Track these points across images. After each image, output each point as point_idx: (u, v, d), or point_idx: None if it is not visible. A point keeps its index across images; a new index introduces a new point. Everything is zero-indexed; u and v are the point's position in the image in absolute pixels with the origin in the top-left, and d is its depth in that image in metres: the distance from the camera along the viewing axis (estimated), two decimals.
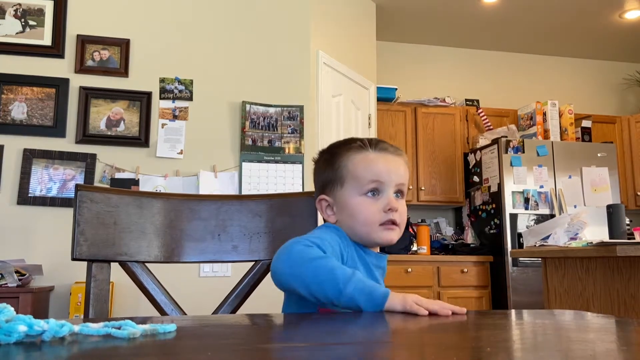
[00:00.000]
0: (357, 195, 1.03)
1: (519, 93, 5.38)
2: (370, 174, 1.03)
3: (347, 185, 1.04)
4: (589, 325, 0.73)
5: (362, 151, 1.05)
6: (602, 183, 4.48)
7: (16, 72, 3.17)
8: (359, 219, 1.02)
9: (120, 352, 0.48)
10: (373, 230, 1.02)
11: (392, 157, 1.06)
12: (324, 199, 1.08)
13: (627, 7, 4.63)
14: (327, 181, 1.08)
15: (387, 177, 1.03)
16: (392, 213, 1.02)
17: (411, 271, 4.22)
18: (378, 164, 1.04)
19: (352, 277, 0.84)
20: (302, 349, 0.52)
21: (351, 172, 1.04)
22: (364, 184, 1.03)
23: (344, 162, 1.05)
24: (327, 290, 0.84)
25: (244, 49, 3.50)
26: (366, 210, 1.02)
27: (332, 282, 0.84)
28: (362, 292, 0.83)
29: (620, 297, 2.39)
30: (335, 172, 1.06)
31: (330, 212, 1.07)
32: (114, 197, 1.10)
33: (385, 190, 1.03)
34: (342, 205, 1.05)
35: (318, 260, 0.87)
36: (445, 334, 0.67)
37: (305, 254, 0.87)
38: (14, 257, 2.91)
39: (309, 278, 0.85)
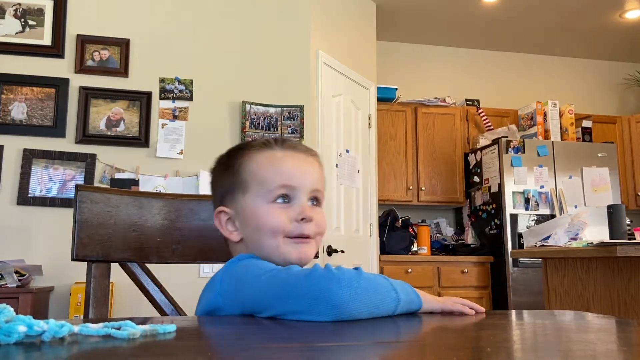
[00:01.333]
0: (264, 203, 0.85)
1: (519, 93, 5.38)
2: (279, 177, 0.86)
3: (251, 191, 0.87)
4: (589, 326, 0.73)
5: (266, 149, 0.89)
6: (602, 183, 4.48)
7: (16, 72, 3.17)
8: (266, 229, 0.84)
9: (120, 353, 0.48)
10: (281, 244, 0.84)
11: (303, 156, 0.90)
12: (222, 210, 0.89)
13: (627, 7, 4.63)
14: (226, 189, 0.90)
15: (299, 180, 0.86)
16: (305, 224, 0.85)
17: (411, 271, 4.22)
18: (287, 164, 0.87)
19: (394, 283, 0.76)
20: (302, 349, 0.52)
21: (255, 175, 0.87)
22: (272, 189, 0.85)
23: (246, 163, 0.88)
24: (386, 304, 0.73)
25: (244, 49, 3.50)
26: (275, 219, 0.84)
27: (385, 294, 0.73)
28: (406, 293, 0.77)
29: (620, 298, 2.39)
30: (235, 177, 0.89)
31: (232, 228, 0.89)
32: (114, 197, 1.10)
33: (297, 196, 0.86)
34: (245, 217, 0.87)
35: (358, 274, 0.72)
36: (446, 334, 0.66)
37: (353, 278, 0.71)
38: (13, 257, 2.91)
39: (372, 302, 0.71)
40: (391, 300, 0.73)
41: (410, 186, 4.68)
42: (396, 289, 0.75)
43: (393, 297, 0.73)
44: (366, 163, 4.11)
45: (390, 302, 0.72)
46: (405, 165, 4.71)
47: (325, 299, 0.67)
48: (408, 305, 0.76)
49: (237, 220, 0.88)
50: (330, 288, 0.68)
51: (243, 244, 0.89)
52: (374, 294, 0.71)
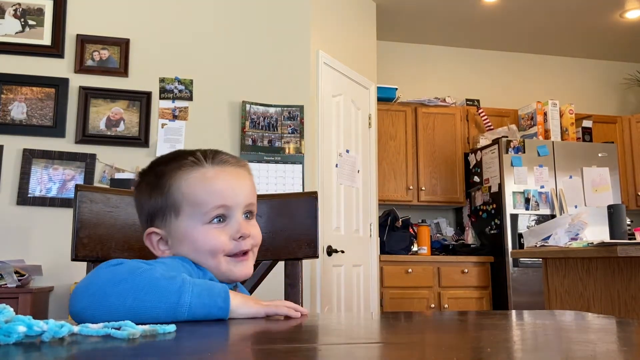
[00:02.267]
0: (200, 225, 0.84)
1: (519, 93, 5.38)
2: (213, 198, 0.84)
3: (184, 213, 0.85)
4: (590, 326, 0.73)
5: (196, 168, 0.86)
6: (602, 183, 4.48)
7: (16, 72, 3.17)
8: (204, 250, 0.84)
9: (119, 353, 0.48)
10: (222, 263, 0.85)
11: (234, 171, 0.89)
12: (153, 232, 0.88)
13: (628, 7, 4.63)
14: (155, 210, 0.87)
15: (233, 198, 0.86)
16: (243, 241, 0.86)
17: (411, 272, 4.22)
18: (220, 183, 0.86)
19: (184, 283, 0.72)
20: (302, 349, 0.52)
21: (187, 197, 0.85)
22: (207, 211, 0.84)
23: (176, 184, 0.86)
24: (157, 307, 0.69)
25: (244, 49, 3.50)
26: (213, 240, 0.84)
27: (160, 296, 0.70)
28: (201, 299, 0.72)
29: (620, 298, 2.39)
30: (165, 199, 0.86)
31: (164, 247, 0.88)
32: (114, 197, 1.10)
33: (232, 214, 0.86)
34: (180, 239, 0.86)
35: (131, 276, 0.70)
36: (446, 334, 0.66)
37: (111, 275, 0.70)
38: (13, 257, 2.91)
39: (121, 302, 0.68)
40: (163, 307, 0.69)
41: (410, 186, 4.68)
42: (183, 293, 0.70)
43: (168, 304, 0.70)
44: (366, 163, 4.11)
45: (160, 309, 0.69)
46: (405, 165, 4.71)
47: (70, 302, 0.71)
48: (204, 310, 0.71)
49: (170, 240, 0.87)
50: (75, 293, 0.71)
51: None
52: (134, 300, 0.68)
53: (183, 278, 0.73)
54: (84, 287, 0.71)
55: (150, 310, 0.69)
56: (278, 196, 1.27)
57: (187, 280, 0.73)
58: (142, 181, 0.91)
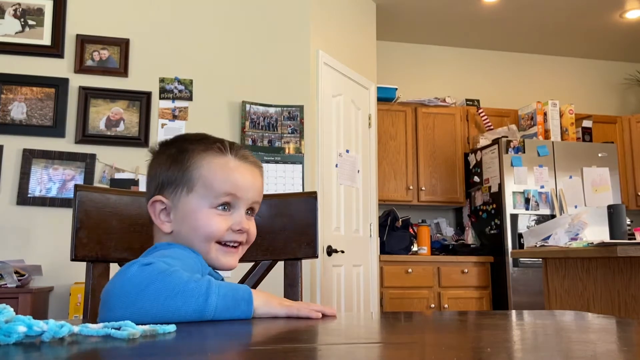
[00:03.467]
0: (206, 207, 0.88)
1: (519, 93, 5.38)
2: (227, 186, 0.88)
3: (196, 192, 0.88)
4: (590, 326, 0.73)
5: (221, 155, 0.90)
6: (602, 183, 4.48)
7: (16, 72, 3.17)
8: (200, 233, 0.87)
9: (119, 353, 0.48)
10: (212, 250, 0.88)
11: (251, 168, 0.93)
12: (159, 200, 0.90)
13: (628, 7, 4.63)
14: (169, 181, 0.90)
15: (244, 192, 0.90)
16: (240, 235, 0.90)
17: (411, 272, 4.22)
18: (237, 174, 0.90)
19: (210, 286, 0.74)
20: (302, 349, 0.52)
21: (205, 179, 0.88)
22: (217, 196, 0.88)
23: (198, 164, 0.89)
24: (186, 309, 0.71)
25: (244, 49, 3.50)
26: (214, 225, 0.87)
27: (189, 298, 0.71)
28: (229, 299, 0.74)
29: (621, 298, 2.39)
30: (183, 173, 0.89)
31: (166, 219, 0.90)
32: (114, 197, 1.10)
33: (238, 206, 0.90)
34: (183, 215, 0.88)
35: (161, 277, 0.72)
36: (446, 334, 0.66)
37: (143, 277, 0.71)
38: (13, 257, 2.91)
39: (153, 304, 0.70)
40: (191, 309, 0.71)
41: (410, 186, 4.68)
42: (209, 295, 0.72)
43: (196, 306, 0.71)
44: (366, 163, 4.11)
45: (188, 311, 0.71)
46: (405, 165, 4.71)
47: (105, 306, 0.71)
48: (229, 312, 0.73)
49: (173, 214, 0.89)
50: (110, 295, 0.71)
51: (171, 236, 0.90)
52: (160, 306, 0.70)
53: (209, 280, 0.74)
54: (117, 290, 0.71)
55: (179, 312, 0.70)
56: (278, 196, 1.26)
57: (212, 282, 0.74)
58: (163, 150, 0.94)
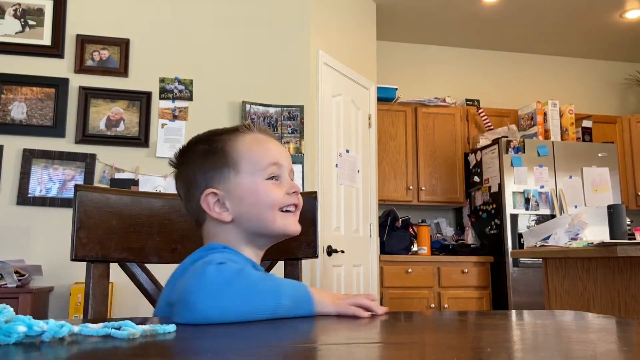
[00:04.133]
0: (261, 179, 0.90)
1: (519, 93, 5.38)
2: (268, 157, 0.92)
3: (244, 169, 0.91)
4: (590, 326, 0.73)
5: (249, 132, 0.94)
6: (602, 183, 4.48)
7: (16, 72, 3.17)
8: (265, 203, 0.90)
9: (119, 353, 0.48)
10: (278, 217, 0.90)
11: (277, 142, 0.98)
12: (211, 192, 0.90)
13: (628, 7, 4.63)
14: (212, 172, 0.91)
15: (283, 159, 0.94)
16: (294, 196, 0.93)
17: (411, 272, 4.22)
18: (270, 145, 0.94)
19: (278, 285, 0.76)
20: (302, 349, 0.52)
21: (246, 155, 0.91)
22: (265, 167, 0.91)
23: (232, 145, 0.92)
24: (263, 309, 0.72)
25: (244, 49, 3.50)
26: (273, 194, 0.90)
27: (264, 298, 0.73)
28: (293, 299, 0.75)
29: (621, 298, 2.39)
30: (224, 159, 0.91)
31: (222, 209, 0.90)
32: (114, 197, 1.10)
33: (283, 174, 0.94)
34: (241, 194, 0.90)
35: (239, 276, 0.73)
36: (446, 334, 0.66)
37: (223, 276, 0.72)
38: (13, 257, 2.91)
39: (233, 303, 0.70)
40: (268, 308, 0.72)
41: (410, 186, 4.68)
42: (280, 294, 0.74)
43: (272, 305, 0.72)
44: (366, 163, 4.11)
45: (266, 310, 0.72)
46: (405, 165, 4.71)
47: (188, 305, 0.69)
48: (294, 311, 0.75)
49: (228, 200, 0.90)
50: (192, 294, 0.69)
51: (233, 224, 0.91)
52: (243, 303, 0.70)
53: (274, 279, 0.76)
54: (200, 288, 0.70)
55: (258, 310, 0.71)
56: None
57: (277, 280, 0.76)
58: (189, 155, 0.95)
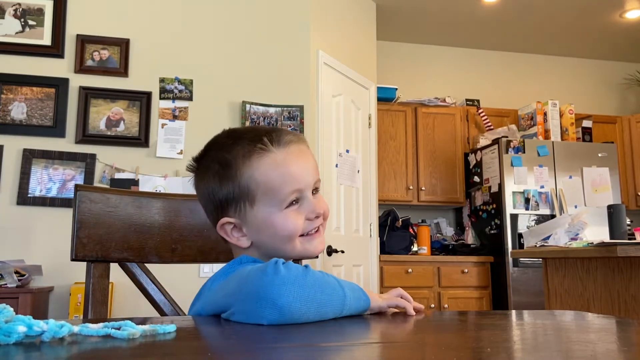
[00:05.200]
0: (278, 211, 0.84)
1: (519, 93, 5.38)
2: (288, 185, 0.84)
3: (260, 202, 0.84)
4: (590, 326, 0.73)
5: (264, 154, 0.84)
6: (602, 183, 4.48)
7: (16, 72, 3.17)
8: (281, 237, 0.85)
9: (119, 353, 0.48)
10: (297, 245, 0.86)
11: (298, 149, 0.87)
12: (227, 222, 0.87)
13: (628, 7, 4.63)
14: (227, 200, 0.86)
15: (305, 181, 0.85)
16: (317, 219, 0.87)
17: (411, 271, 4.22)
18: (291, 167, 0.84)
19: (341, 282, 0.75)
20: (302, 349, 0.52)
21: (262, 185, 0.83)
22: (284, 197, 0.84)
23: (248, 173, 0.84)
24: (333, 303, 0.71)
25: (244, 49, 3.50)
26: (292, 224, 0.84)
27: (333, 290, 0.72)
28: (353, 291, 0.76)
29: (620, 298, 2.39)
30: (238, 188, 0.85)
31: (239, 234, 0.87)
32: (114, 197, 1.09)
33: (305, 195, 0.86)
34: (257, 227, 0.85)
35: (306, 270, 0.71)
36: (446, 334, 0.66)
37: (292, 270, 0.69)
38: (13, 257, 2.91)
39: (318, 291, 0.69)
40: (339, 299, 0.71)
41: (410, 186, 4.68)
42: (343, 287, 0.73)
43: (340, 295, 0.72)
44: (366, 163, 4.11)
45: (337, 301, 0.71)
46: (405, 165, 4.71)
47: (268, 299, 0.65)
48: (356, 303, 0.75)
49: (245, 228, 0.86)
50: (274, 287, 0.65)
51: (253, 247, 0.88)
52: (321, 294, 0.69)
53: (332, 275, 0.75)
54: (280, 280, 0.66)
55: (329, 304, 0.70)
56: None
57: (333, 275, 0.75)
58: (205, 170, 0.89)
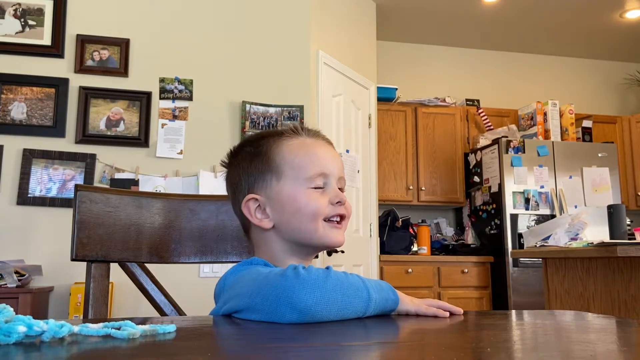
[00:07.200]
0: (303, 188, 0.86)
1: (519, 93, 5.38)
2: (314, 164, 0.87)
3: (287, 176, 0.86)
4: (590, 326, 0.73)
5: (295, 137, 0.89)
6: (602, 183, 4.48)
7: (16, 72, 3.17)
8: (306, 213, 0.85)
9: (119, 353, 0.48)
10: (320, 228, 0.86)
11: (325, 144, 0.92)
12: (253, 198, 0.88)
13: (628, 7, 4.63)
14: (255, 176, 0.89)
15: (331, 167, 0.88)
16: (340, 206, 0.88)
17: (411, 272, 4.22)
18: (319, 151, 0.89)
19: (368, 282, 0.75)
20: (302, 349, 0.52)
21: (290, 161, 0.87)
22: (310, 176, 0.86)
23: (277, 149, 0.88)
24: (356, 305, 0.71)
25: (244, 49, 3.50)
26: (315, 202, 0.85)
27: (356, 291, 0.71)
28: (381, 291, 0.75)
29: (620, 298, 2.39)
30: (267, 164, 0.88)
31: (262, 215, 0.88)
32: (114, 197, 1.09)
33: (330, 182, 0.88)
34: (282, 201, 0.86)
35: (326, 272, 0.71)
36: (446, 334, 0.66)
37: (312, 272, 0.69)
38: (13, 257, 2.91)
39: (334, 297, 0.68)
40: (362, 300, 0.71)
41: (410, 186, 4.68)
42: (368, 288, 0.73)
43: (364, 297, 0.71)
44: (366, 163, 4.11)
45: (360, 303, 0.71)
46: (405, 165, 4.71)
47: (287, 301, 0.66)
48: (383, 304, 0.75)
49: (269, 207, 0.87)
50: (294, 290, 0.66)
51: (274, 231, 0.88)
52: (342, 296, 0.69)
53: (357, 275, 0.75)
54: (301, 282, 0.67)
55: (351, 305, 0.70)
56: None
57: (360, 276, 0.75)
58: (236, 157, 0.92)
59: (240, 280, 0.80)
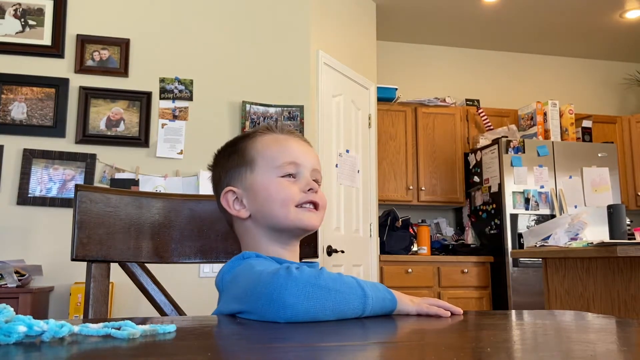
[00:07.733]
0: (274, 177, 0.91)
1: (519, 93, 5.38)
2: (285, 155, 0.92)
3: (259, 167, 0.92)
4: (590, 326, 0.73)
5: (269, 133, 0.96)
6: (602, 183, 4.48)
7: (16, 72, 3.17)
8: (276, 199, 0.90)
9: (119, 353, 0.48)
10: (291, 212, 0.89)
11: (300, 140, 0.97)
12: (230, 190, 0.94)
13: (628, 7, 4.63)
14: (232, 171, 0.95)
15: (303, 158, 0.93)
16: (312, 193, 0.91)
17: (411, 272, 4.22)
18: (291, 144, 0.94)
19: (363, 282, 0.75)
20: (302, 349, 0.52)
21: (262, 153, 0.93)
22: (280, 165, 0.91)
23: (251, 144, 0.95)
24: (351, 303, 0.71)
25: (244, 49, 3.50)
26: (286, 190, 0.90)
27: (351, 289, 0.72)
28: (377, 291, 0.75)
29: (620, 298, 2.39)
30: (241, 157, 0.94)
31: (239, 206, 0.93)
32: (114, 197, 1.09)
33: (302, 172, 0.92)
34: (255, 191, 0.92)
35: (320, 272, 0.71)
36: (446, 334, 0.66)
37: (304, 273, 0.70)
38: (13, 257, 2.91)
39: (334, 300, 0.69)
40: (357, 297, 0.71)
41: (410, 186, 4.68)
42: (363, 286, 0.73)
43: (359, 294, 0.72)
44: (366, 163, 4.11)
45: (356, 300, 0.71)
46: (405, 165, 4.71)
47: (280, 299, 0.67)
48: (381, 303, 0.75)
49: (245, 198, 0.93)
50: (287, 287, 0.67)
51: (251, 220, 0.93)
52: (336, 293, 0.69)
53: (352, 276, 0.75)
54: (292, 285, 0.68)
55: (346, 303, 0.70)
56: None
57: (354, 277, 0.75)
58: (220, 152, 1.00)
59: (235, 279, 0.81)
